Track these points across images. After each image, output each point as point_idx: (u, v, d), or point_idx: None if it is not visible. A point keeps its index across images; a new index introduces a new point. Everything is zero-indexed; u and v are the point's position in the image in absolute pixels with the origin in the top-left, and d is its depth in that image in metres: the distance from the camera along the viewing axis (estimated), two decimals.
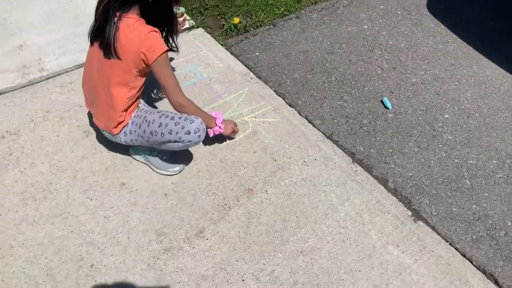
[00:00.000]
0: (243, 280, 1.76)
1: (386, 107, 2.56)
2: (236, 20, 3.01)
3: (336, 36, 3.04)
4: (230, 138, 2.27)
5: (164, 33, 1.92)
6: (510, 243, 1.98)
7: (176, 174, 2.10)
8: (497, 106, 2.64)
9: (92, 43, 1.87)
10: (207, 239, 1.88)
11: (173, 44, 1.98)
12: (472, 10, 3.37)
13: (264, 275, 1.78)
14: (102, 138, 2.20)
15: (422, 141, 2.40)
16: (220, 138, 2.26)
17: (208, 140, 2.25)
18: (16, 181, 2.01)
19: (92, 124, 2.25)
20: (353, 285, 1.78)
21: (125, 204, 1.97)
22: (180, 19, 2.14)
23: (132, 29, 1.73)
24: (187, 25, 2.96)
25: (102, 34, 1.77)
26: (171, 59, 2.61)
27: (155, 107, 2.34)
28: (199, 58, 2.75)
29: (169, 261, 1.80)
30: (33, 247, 1.79)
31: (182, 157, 2.15)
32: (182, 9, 2.00)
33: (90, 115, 2.29)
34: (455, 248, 1.95)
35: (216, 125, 2.09)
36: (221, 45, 2.88)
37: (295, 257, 1.86)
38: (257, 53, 2.86)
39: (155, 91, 2.43)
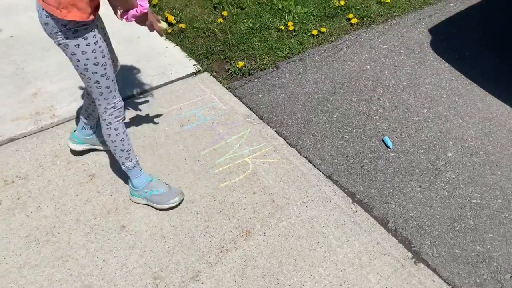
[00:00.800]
0: None
1: (387, 146, 2.56)
2: (241, 63, 3.12)
3: (338, 76, 3.09)
4: (150, 30, 1.91)
5: None
6: None
7: (177, 205, 2.16)
8: (502, 143, 2.60)
9: None
10: (202, 283, 1.89)
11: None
12: (476, 48, 3.38)
13: None
14: (106, 181, 2.27)
15: (424, 180, 2.38)
16: (220, 180, 2.30)
17: (208, 181, 2.29)
18: (21, 224, 2.08)
19: (97, 167, 2.34)
20: None
21: (124, 247, 2.01)
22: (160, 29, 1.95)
23: None
24: (193, 70, 3.07)
25: None
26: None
27: None
28: (204, 101, 2.84)
29: None
30: None
31: (180, 189, 2.19)
32: (164, 25, 1.94)
33: (94, 159, 2.38)
34: None
35: (138, 5, 1.75)
36: (226, 88, 2.97)
37: None
38: (260, 95, 2.93)
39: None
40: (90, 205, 2.18)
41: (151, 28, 1.89)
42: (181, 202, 2.18)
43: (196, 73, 3.07)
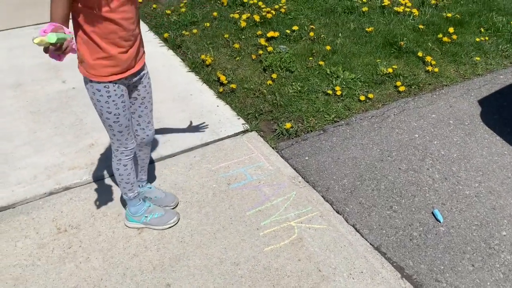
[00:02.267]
0: None
1: (437, 220, 2.49)
2: (288, 125, 3.18)
3: (386, 143, 3.09)
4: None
5: None
6: None
7: (175, 224, 2.39)
8: None
9: None
10: None
11: None
12: None
13: None
14: (154, 236, 2.31)
15: (477, 260, 2.28)
16: (265, 243, 2.29)
17: (253, 244, 2.28)
18: (71, 274, 2.12)
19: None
20: None
21: None
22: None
23: None
24: (242, 129, 3.16)
25: None
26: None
27: None
28: (251, 160, 2.89)
29: None
30: None
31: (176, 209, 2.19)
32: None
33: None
34: None
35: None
36: (272, 148, 3.02)
37: None
38: (307, 157, 2.95)
39: None
40: (137, 259, 2.20)
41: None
42: (177, 221, 2.41)
43: (244, 132, 3.15)
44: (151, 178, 2.70)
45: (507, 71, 4.01)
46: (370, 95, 3.54)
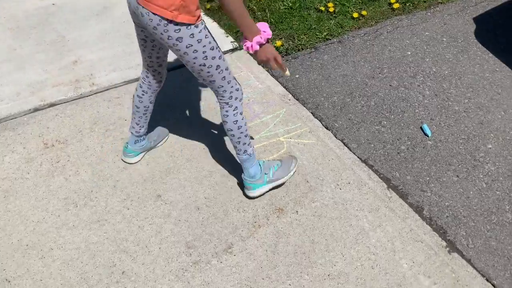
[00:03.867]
0: None
1: (425, 134, 2.51)
2: (279, 43, 3.08)
3: (378, 61, 3.03)
4: (266, 66, 1.84)
5: None
6: None
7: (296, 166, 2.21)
8: None
9: None
10: (234, 255, 1.90)
11: None
12: None
13: None
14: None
15: (462, 171, 2.33)
16: None
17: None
18: (60, 187, 2.13)
19: None
20: None
21: (159, 215, 2.04)
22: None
23: None
24: (230, 47, 3.06)
25: None
26: None
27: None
28: (240, 78, 2.83)
29: (196, 274, 1.83)
30: (70, 251, 1.89)
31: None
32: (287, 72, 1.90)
33: None
34: (492, 285, 1.86)
35: (261, 31, 1.67)
36: (262, 66, 2.95)
37: (321, 281, 1.84)
38: (297, 76, 2.90)
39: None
40: (127, 172, 2.21)
41: (273, 65, 1.78)
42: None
43: (233, 50, 3.06)
44: None
45: None
46: (364, 12, 3.42)
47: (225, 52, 3.03)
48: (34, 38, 3.04)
